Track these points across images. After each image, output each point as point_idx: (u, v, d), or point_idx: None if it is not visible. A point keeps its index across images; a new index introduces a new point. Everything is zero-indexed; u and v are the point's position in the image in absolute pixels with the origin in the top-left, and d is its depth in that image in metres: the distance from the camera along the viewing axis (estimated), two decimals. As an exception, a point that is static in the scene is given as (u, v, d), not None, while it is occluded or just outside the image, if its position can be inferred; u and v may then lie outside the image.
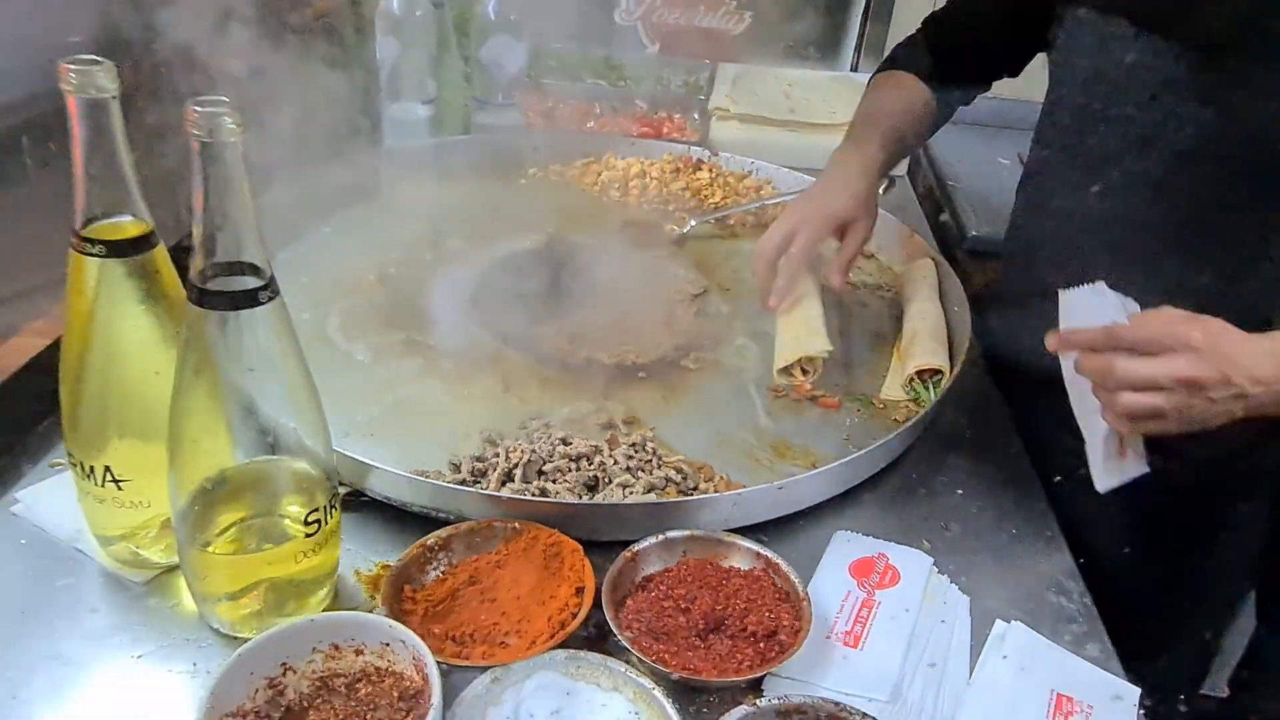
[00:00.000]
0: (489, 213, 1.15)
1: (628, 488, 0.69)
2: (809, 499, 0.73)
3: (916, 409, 0.85)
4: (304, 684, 0.55)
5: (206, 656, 0.58)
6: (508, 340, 0.92)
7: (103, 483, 0.59)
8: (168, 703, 0.56)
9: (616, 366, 0.90)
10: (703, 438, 0.80)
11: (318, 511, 0.58)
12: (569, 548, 0.64)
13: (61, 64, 0.49)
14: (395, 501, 0.69)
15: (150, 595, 0.62)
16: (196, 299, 0.51)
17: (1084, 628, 0.66)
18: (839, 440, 0.82)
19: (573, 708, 0.54)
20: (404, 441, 0.77)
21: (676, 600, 0.63)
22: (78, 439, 0.58)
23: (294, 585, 0.59)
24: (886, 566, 0.69)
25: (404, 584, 0.62)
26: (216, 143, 0.48)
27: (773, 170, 1.26)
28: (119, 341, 0.56)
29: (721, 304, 1.02)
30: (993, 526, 0.75)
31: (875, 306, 1.04)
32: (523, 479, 0.69)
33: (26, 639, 0.58)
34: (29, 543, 0.65)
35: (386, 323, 0.93)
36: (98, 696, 0.56)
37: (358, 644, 0.56)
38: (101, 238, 0.54)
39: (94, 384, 0.57)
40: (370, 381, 0.84)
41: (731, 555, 0.66)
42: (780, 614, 0.61)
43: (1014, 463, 0.82)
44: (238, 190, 0.49)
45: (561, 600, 0.61)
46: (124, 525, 0.62)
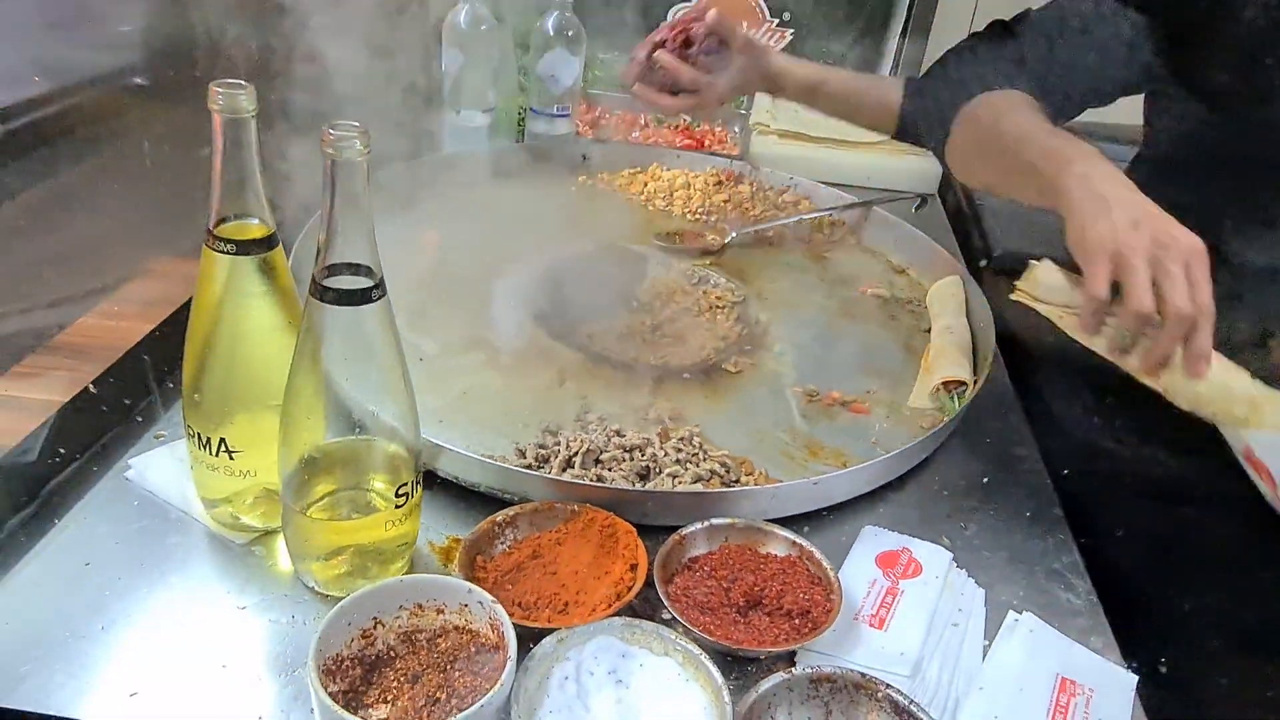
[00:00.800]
0: (542, 217, 1.23)
1: (676, 478, 0.76)
2: (840, 495, 0.80)
3: (941, 417, 0.91)
4: (391, 636, 0.62)
5: (302, 610, 0.66)
6: (561, 338, 0.99)
7: (217, 453, 0.66)
8: (269, 647, 0.63)
9: (662, 367, 0.97)
10: (742, 435, 0.87)
11: (405, 486, 0.65)
12: (623, 529, 0.71)
13: (211, 86, 0.57)
14: (465, 482, 0.77)
15: (250, 555, 0.70)
16: (317, 293, 0.58)
17: (1089, 621, 0.72)
18: (867, 443, 0.88)
19: (627, 667, 0.61)
20: (468, 428, 0.84)
21: (719, 580, 0.69)
22: (198, 413, 0.66)
23: (378, 551, 0.67)
24: (910, 559, 0.76)
25: (476, 554, 0.70)
26: (345, 161, 0.55)
27: (811, 186, 1.32)
28: (241, 328, 0.64)
29: (760, 311, 1.09)
30: (1008, 527, 0.81)
31: (905, 320, 1.10)
32: (581, 466, 0.76)
33: (143, 587, 0.66)
34: (140, 504, 0.73)
35: (449, 319, 1.00)
36: (208, 640, 0.63)
37: (439, 604, 0.63)
38: (231, 237, 0.62)
39: (217, 364, 0.64)
40: (436, 373, 0.92)
41: (769, 543, 0.73)
42: (814, 595, 0.68)
43: (1031, 470, 0.88)
44: (360, 201, 0.56)
45: (616, 575, 0.68)
46: (229, 491, 0.70)
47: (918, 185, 1.42)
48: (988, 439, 0.92)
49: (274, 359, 0.64)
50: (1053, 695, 0.64)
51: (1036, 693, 0.64)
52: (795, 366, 0.99)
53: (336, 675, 0.59)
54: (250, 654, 0.63)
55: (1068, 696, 0.64)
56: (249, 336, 0.64)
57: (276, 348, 0.64)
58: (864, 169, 1.43)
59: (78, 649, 0.61)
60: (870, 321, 1.09)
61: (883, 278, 1.19)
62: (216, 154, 0.59)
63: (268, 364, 0.64)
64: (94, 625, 0.63)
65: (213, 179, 0.60)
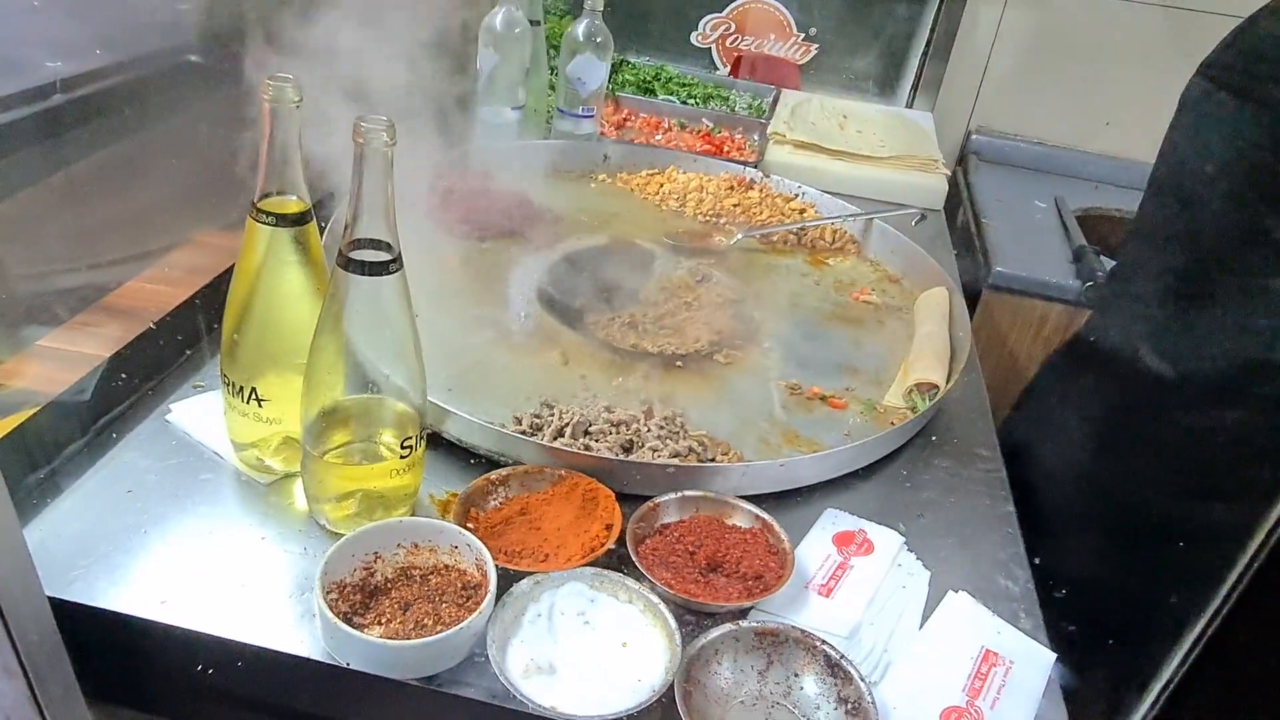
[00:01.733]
0: (561, 210, 1.31)
1: (656, 451, 0.84)
2: (806, 478, 0.87)
3: (909, 415, 0.98)
4: (389, 570, 0.71)
5: (314, 544, 0.75)
6: (568, 323, 1.07)
7: (248, 400, 0.75)
8: (283, 573, 0.72)
9: (659, 355, 1.05)
10: (725, 421, 0.94)
11: (410, 440, 0.73)
12: (604, 494, 0.79)
13: (264, 79, 0.66)
14: (466, 444, 0.85)
15: (272, 494, 0.79)
16: (343, 263, 0.67)
17: (1022, 606, 0.79)
18: (840, 436, 0.96)
19: (595, 610, 0.69)
20: (474, 398, 0.92)
21: (686, 545, 0.77)
22: (234, 364, 0.75)
23: (383, 497, 0.75)
24: (865, 540, 0.83)
25: (470, 507, 0.78)
26: (373, 150, 0.63)
27: (817, 196, 1.39)
28: (276, 292, 0.73)
29: (755, 310, 1.16)
30: (961, 519, 0.88)
31: (891, 326, 1.17)
32: (571, 435, 0.84)
33: (176, 514, 0.75)
34: (177, 444, 0.82)
35: (467, 299, 1.09)
36: (231, 563, 0.72)
37: (433, 544, 0.71)
38: (273, 210, 0.70)
39: (254, 323, 0.73)
40: (449, 347, 1.00)
41: (735, 515, 0.81)
42: (769, 563, 0.75)
43: (990, 469, 0.95)
44: (384, 186, 0.65)
45: (594, 533, 0.76)
46: (255, 436, 0.79)
47: (923, 201, 1.48)
48: (954, 439, 0.99)
49: (303, 321, 0.72)
50: (975, 663, 0.71)
51: (961, 660, 0.71)
52: (782, 361, 1.06)
53: (340, 598, 0.67)
54: (266, 577, 0.71)
55: (989, 666, 0.71)
56: (282, 299, 0.73)
57: (305, 311, 0.73)
58: (872, 182, 1.50)
59: (118, 560, 0.70)
60: (859, 325, 1.16)
61: (877, 285, 1.26)
62: (264, 137, 0.68)
63: (297, 325, 0.73)
64: (133, 542, 0.72)
65: (259, 159, 0.69)
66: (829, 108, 1.75)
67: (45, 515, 0.73)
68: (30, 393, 0.80)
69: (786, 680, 0.68)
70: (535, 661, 0.64)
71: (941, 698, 0.68)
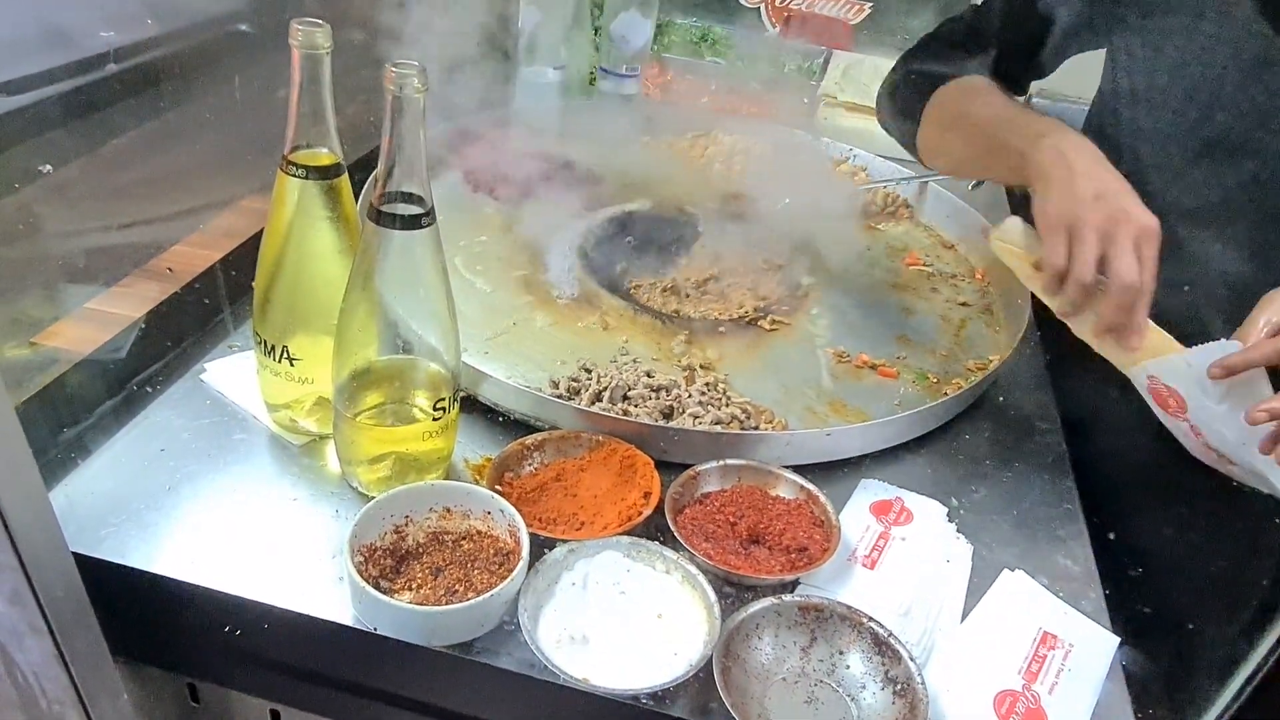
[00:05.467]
0: (603, 173, 1.28)
1: (697, 418, 0.81)
2: (854, 449, 0.84)
3: (966, 386, 0.94)
4: (421, 534, 0.69)
5: (346, 506, 0.73)
6: (609, 287, 1.04)
7: (280, 359, 0.74)
8: (314, 536, 0.70)
9: (702, 320, 1.01)
10: (770, 389, 0.91)
11: (443, 401, 0.71)
12: (642, 461, 0.76)
13: (292, 23, 0.63)
14: (501, 408, 0.83)
15: (304, 456, 0.77)
16: (374, 218, 0.64)
17: (1083, 586, 0.75)
18: (890, 406, 0.91)
19: (631, 581, 0.67)
20: (512, 361, 0.90)
21: (727, 516, 0.74)
22: (266, 323, 0.73)
23: (416, 461, 0.73)
24: (902, 508, 0.79)
25: (504, 472, 0.76)
26: (405, 97, 0.61)
27: (869, 159, 1.34)
28: (308, 248, 0.71)
29: (803, 275, 1.12)
30: (1018, 495, 0.84)
31: (945, 293, 1.12)
32: (610, 400, 0.81)
33: (209, 474, 0.74)
34: (212, 404, 0.81)
35: (507, 261, 1.06)
36: (263, 523, 0.71)
37: (465, 509, 0.69)
38: (303, 163, 0.68)
39: (286, 279, 0.71)
40: (488, 309, 0.98)
41: (779, 486, 0.77)
42: (814, 535, 0.72)
43: (1050, 442, 0.90)
44: (416, 135, 0.62)
45: (631, 501, 0.73)
46: (288, 396, 0.77)
47: (980, 165, 1.42)
48: (1011, 410, 0.94)
49: (335, 278, 0.70)
50: (1032, 646, 0.67)
51: (1016, 641, 0.68)
52: (830, 328, 1.02)
53: (369, 562, 0.65)
54: (297, 539, 0.70)
55: (1047, 649, 0.67)
56: (313, 256, 0.71)
57: (338, 268, 0.71)
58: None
59: (149, 518, 0.69)
60: (911, 292, 1.12)
61: (930, 252, 1.21)
62: (294, 86, 0.66)
63: (329, 282, 0.71)
64: (164, 501, 0.71)
65: (289, 109, 0.67)
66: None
67: (77, 473, 0.72)
68: (68, 352, 0.79)
69: (830, 658, 0.65)
70: (568, 631, 0.62)
71: (995, 681, 0.65)
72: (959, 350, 1.01)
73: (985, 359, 0.99)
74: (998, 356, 0.98)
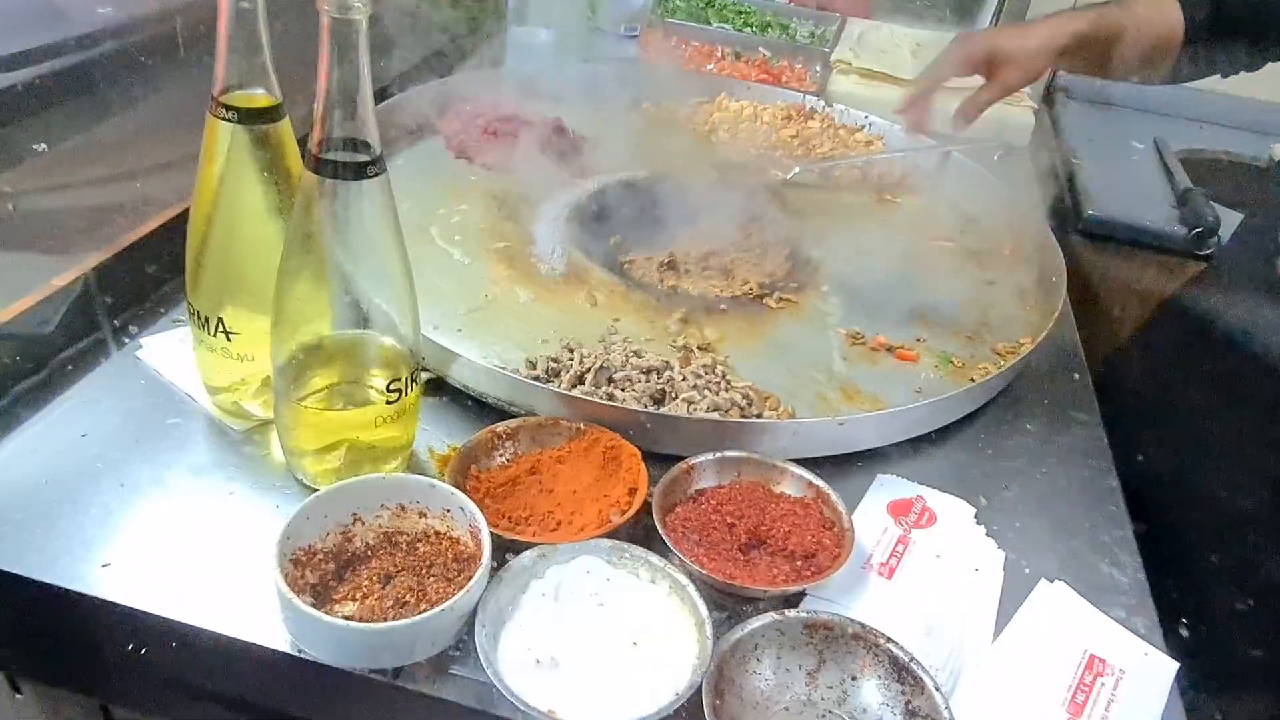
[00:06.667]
0: (597, 140, 1.18)
1: (692, 404, 0.71)
2: (868, 441, 0.74)
3: (994, 371, 0.84)
4: (370, 535, 0.60)
5: (289, 501, 0.64)
6: (601, 261, 0.95)
7: (215, 333, 0.65)
8: (251, 533, 0.61)
9: (700, 298, 0.92)
10: (775, 373, 0.82)
11: (399, 382, 0.62)
12: (627, 452, 0.67)
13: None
14: (473, 391, 0.74)
15: (246, 443, 0.68)
16: (312, 166, 0.55)
17: (1134, 600, 0.65)
18: (910, 393, 0.82)
19: (610, 591, 0.58)
20: (489, 340, 0.81)
21: (724, 515, 0.65)
22: (198, 291, 0.64)
23: (371, 450, 0.64)
24: (924, 508, 0.70)
25: (470, 464, 0.67)
26: (344, 19, 0.51)
27: (886, 127, 1.24)
28: (243, 204, 0.61)
29: (813, 250, 1.02)
30: (1054, 493, 0.74)
31: (969, 272, 1.02)
32: (593, 383, 0.72)
33: (136, 463, 0.65)
34: (147, 384, 0.72)
35: (488, 232, 0.97)
36: (192, 520, 0.62)
37: (422, 507, 0.60)
38: (236, 105, 0.59)
39: (217, 240, 0.62)
40: (465, 282, 0.88)
41: (784, 482, 0.68)
42: (822, 539, 0.63)
43: (1089, 435, 0.81)
44: (359, 68, 0.53)
45: (614, 498, 0.64)
46: (230, 377, 0.68)
47: (1005, 135, 1.32)
48: (1044, 399, 0.85)
49: (274, 239, 0.61)
50: (1077, 672, 0.58)
51: (1058, 666, 0.58)
52: (842, 308, 0.93)
53: (307, 567, 0.57)
54: (230, 540, 0.61)
55: (1094, 675, 0.58)
56: (249, 213, 0.62)
57: (277, 228, 0.61)
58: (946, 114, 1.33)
59: (60, 513, 0.60)
60: (931, 270, 1.02)
61: (953, 226, 1.11)
62: (222, 14, 0.57)
63: (268, 244, 0.61)
64: (81, 494, 0.62)
65: (218, 41, 0.58)
66: (900, 36, 1.58)
67: (-17, 460, 0.63)
68: None
69: (842, 684, 0.55)
70: (534, 653, 0.53)
71: (1035, 713, 0.56)
72: (986, 332, 0.91)
73: (1015, 341, 0.89)
74: (1030, 339, 0.89)
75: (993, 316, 0.94)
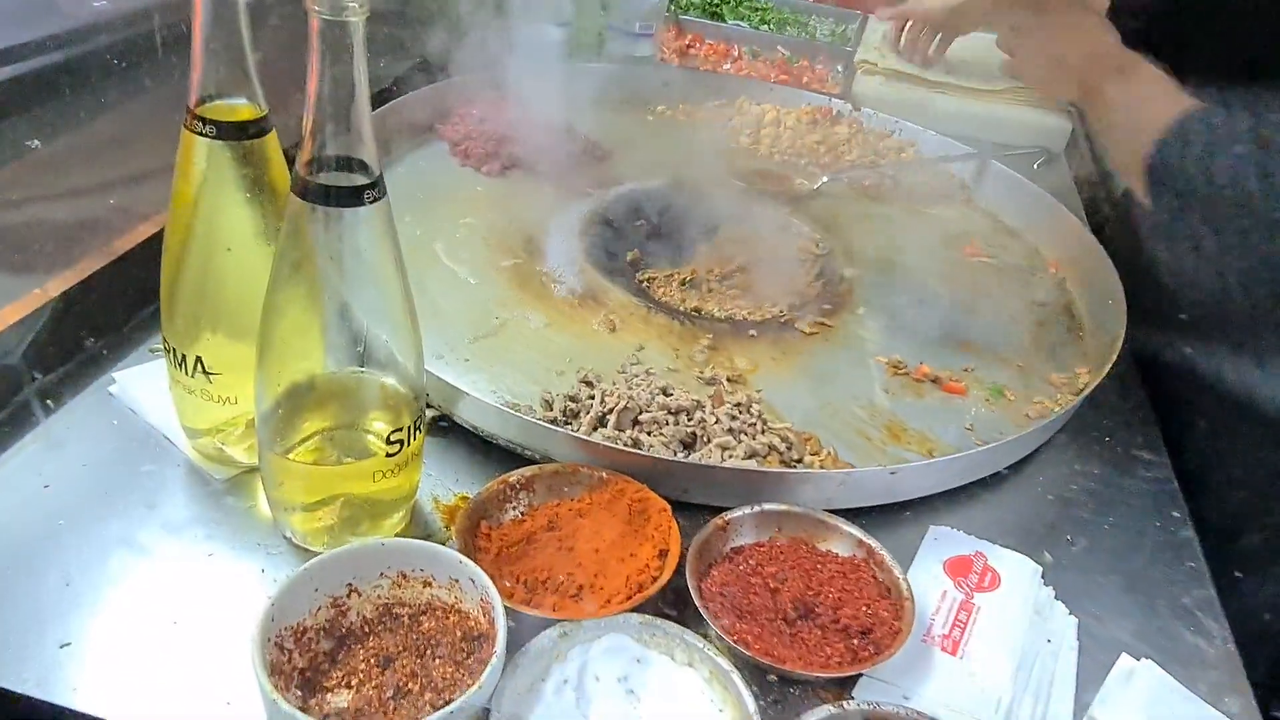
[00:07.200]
0: (612, 146, 1.10)
1: (727, 450, 0.64)
2: (921, 489, 0.67)
3: (1052, 406, 0.77)
4: (368, 608, 0.52)
5: (275, 564, 0.57)
6: (617, 280, 0.87)
7: (193, 373, 0.57)
8: (231, 603, 0.54)
9: (727, 321, 0.85)
10: (811, 407, 0.74)
11: (401, 432, 0.55)
12: (656, 506, 0.60)
13: (187, -75, 0.46)
14: (483, 432, 0.66)
15: (229, 494, 0.61)
16: (300, 190, 0.48)
17: (1224, 677, 0.58)
18: (960, 430, 0.75)
19: (642, 676, 0.50)
20: (499, 371, 0.74)
21: (765, 578, 0.58)
22: (173, 325, 0.57)
23: (370, 504, 0.57)
24: (985, 567, 0.63)
25: (480, 519, 0.59)
26: (337, 21, 0.44)
27: (918, 132, 1.17)
28: (222, 229, 0.54)
29: (846, 268, 0.95)
30: (1126, 547, 0.67)
31: (1015, 290, 0.95)
32: (616, 426, 0.65)
33: (104, 521, 0.58)
34: (120, 424, 0.65)
35: (496, 247, 0.90)
36: (163, 589, 0.54)
37: (426, 575, 0.53)
38: (215, 118, 0.51)
39: (194, 269, 0.55)
40: (472, 305, 0.81)
41: (830, 538, 0.61)
42: (878, 610, 0.56)
43: (1157, 477, 0.73)
44: (355, 77, 0.45)
45: (642, 561, 0.57)
46: (211, 420, 0.61)
47: (1040, 141, 1.24)
48: (1106, 436, 0.77)
49: (259, 268, 0.53)
50: (1174, 769, 0.51)
51: (1152, 764, 0.51)
52: (881, 333, 0.85)
53: (296, 650, 0.49)
54: (206, 610, 0.54)
55: (1193, 773, 0.51)
56: (230, 240, 0.54)
57: (262, 257, 0.54)
58: (980, 118, 1.26)
59: (13, 584, 0.53)
60: (974, 289, 0.94)
61: (992, 240, 1.04)
62: (197, 15, 0.49)
63: (252, 274, 0.54)
64: (39, 558, 0.55)
65: (193, 47, 0.50)
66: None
67: (-71, 519, 0.56)
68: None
69: (909, 787, 0.48)
70: (557, 756, 0.46)
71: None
72: (1037, 359, 0.84)
73: (1071, 372, 0.82)
74: (1086, 369, 0.82)
75: (1043, 341, 0.87)
